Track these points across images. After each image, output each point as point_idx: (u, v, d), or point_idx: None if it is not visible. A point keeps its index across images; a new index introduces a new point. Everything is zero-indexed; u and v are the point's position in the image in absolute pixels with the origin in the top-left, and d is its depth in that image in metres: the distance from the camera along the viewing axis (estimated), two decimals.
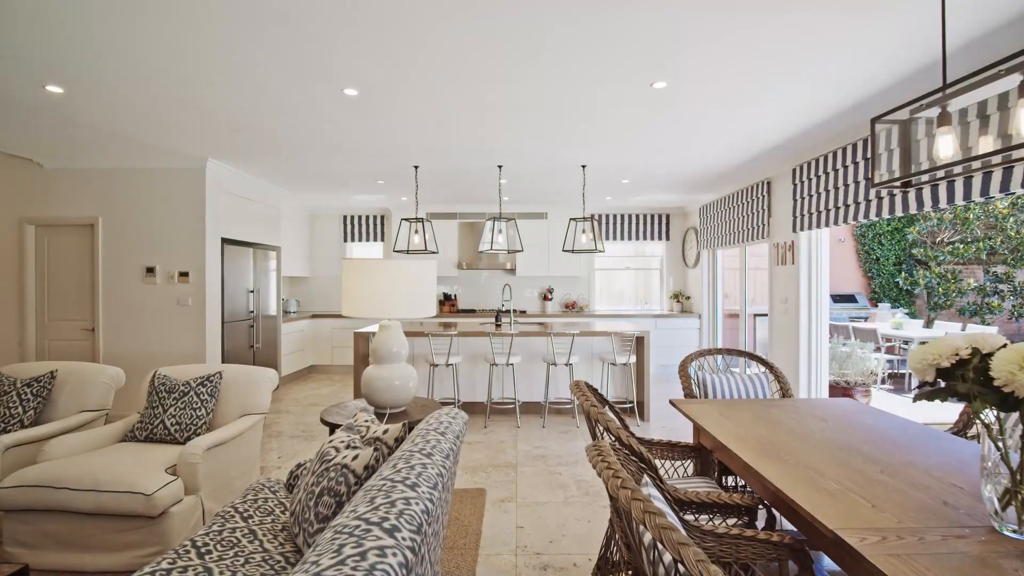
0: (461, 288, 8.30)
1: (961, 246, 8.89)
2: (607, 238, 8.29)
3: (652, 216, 8.35)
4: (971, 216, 8.72)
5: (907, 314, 9.13)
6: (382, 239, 8.32)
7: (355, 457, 1.78)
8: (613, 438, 1.95)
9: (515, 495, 3.32)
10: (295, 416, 5.31)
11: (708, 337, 7.61)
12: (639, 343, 5.12)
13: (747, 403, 2.67)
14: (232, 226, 5.55)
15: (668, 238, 8.38)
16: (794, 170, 5.06)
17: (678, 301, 8.10)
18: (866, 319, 9.23)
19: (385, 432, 2.04)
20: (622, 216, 8.32)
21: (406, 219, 5.29)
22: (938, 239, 9.55)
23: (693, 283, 8.03)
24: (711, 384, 3.01)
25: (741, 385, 3.03)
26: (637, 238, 8.35)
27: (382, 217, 8.32)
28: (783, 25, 2.46)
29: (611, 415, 2.10)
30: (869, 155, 3.96)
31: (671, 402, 2.70)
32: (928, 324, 7.97)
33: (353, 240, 8.33)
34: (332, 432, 2.56)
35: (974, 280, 9.06)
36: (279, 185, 6.35)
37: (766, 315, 8.66)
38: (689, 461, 2.55)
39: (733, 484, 2.61)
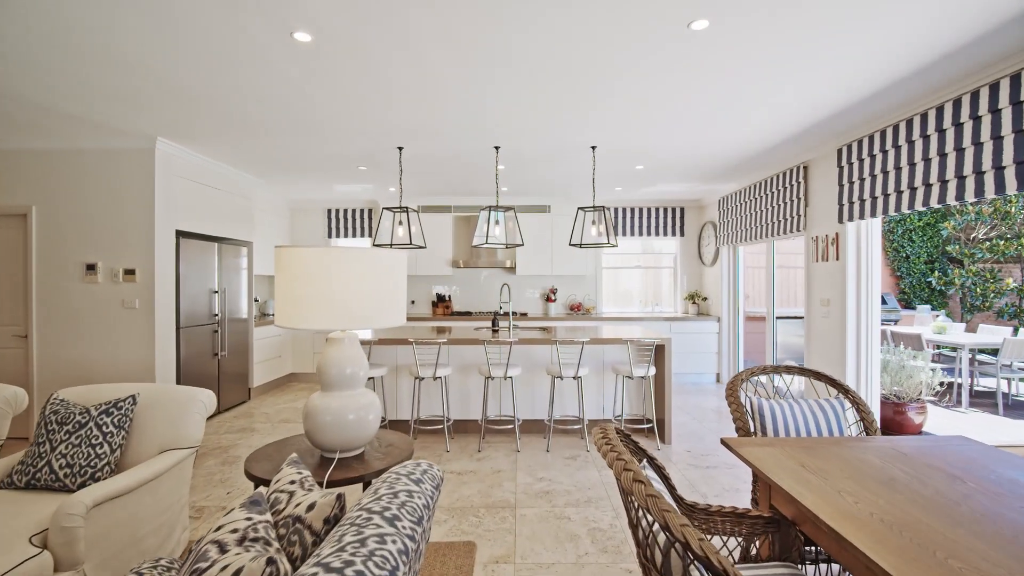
0: (460, 287, 7.59)
1: (1001, 242, 8.16)
2: (615, 234, 7.57)
3: (665, 210, 7.63)
4: (1012, 210, 7.99)
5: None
6: (370, 234, 7.62)
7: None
8: (657, 524, 1.23)
9: (513, 552, 2.61)
10: (261, 435, 4.60)
11: (728, 342, 6.89)
12: (658, 352, 4.40)
13: (829, 444, 1.96)
14: (191, 217, 4.85)
15: (683, 234, 7.66)
16: (839, 151, 4.34)
17: (694, 303, 7.39)
18: (896, 322, 8.50)
19: (310, 509, 1.34)
20: (632, 210, 7.61)
21: (388, 208, 4.57)
22: (972, 235, 8.82)
23: (710, 283, 7.31)
24: (769, 413, 2.29)
25: (808, 415, 2.31)
26: (648, 234, 7.64)
27: (369, 211, 7.62)
28: None
29: (656, 484, 1.39)
30: (943, 128, 3.25)
31: (724, 443, 1.98)
32: (972, 328, 7.25)
33: (338, 236, 7.63)
34: (257, 489, 1.85)
35: (1013, 280, 8.34)
36: (249, 173, 5.65)
37: (792, 318, 7.93)
38: (763, 536, 1.83)
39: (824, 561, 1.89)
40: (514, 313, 7.35)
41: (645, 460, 1.62)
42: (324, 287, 1.84)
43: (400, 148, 4.61)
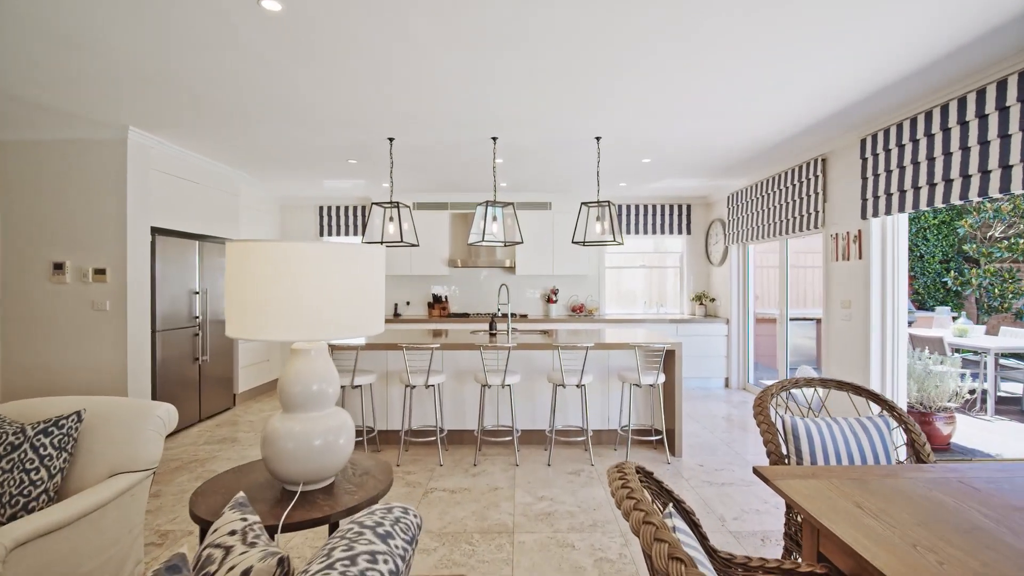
0: (457, 287, 7.29)
1: (1021, 241, 7.85)
2: (621, 231, 7.27)
3: (671, 207, 7.32)
4: None
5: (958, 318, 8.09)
6: (364, 232, 7.30)
7: None
8: None
9: None
10: (243, 447, 4.30)
11: (738, 345, 6.58)
12: (668, 358, 4.10)
13: (883, 476, 1.65)
14: (169, 213, 4.55)
15: (689, 232, 7.35)
16: (862, 141, 4.03)
17: (701, 304, 7.08)
18: (911, 323, 8.18)
19: (246, 574, 1.04)
20: (637, 207, 7.30)
21: (378, 204, 4.27)
22: (988, 234, 8.50)
23: (718, 283, 7.00)
24: (805, 435, 1.99)
25: (849, 436, 2.00)
26: (654, 232, 7.33)
27: (363, 208, 7.31)
28: None
29: (684, 538, 1.08)
30: (984, 113, 2.95)
31: (758, 473, 1.68)
32: (993, 330, 6.93)
33: (330, 234, 7.32)
34: (203, 538, 1.55)
35: None
36: (233, 166, 5.35)
37: (802, 320, 7.63)
38: None
39: None
40: (513, 315, 7.05)
41: (672, 505, 1.31)
42: (286, 289, 1.54)
43: (391, 139, 4.31)
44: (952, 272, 8.59)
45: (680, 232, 7.34)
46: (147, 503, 3.15)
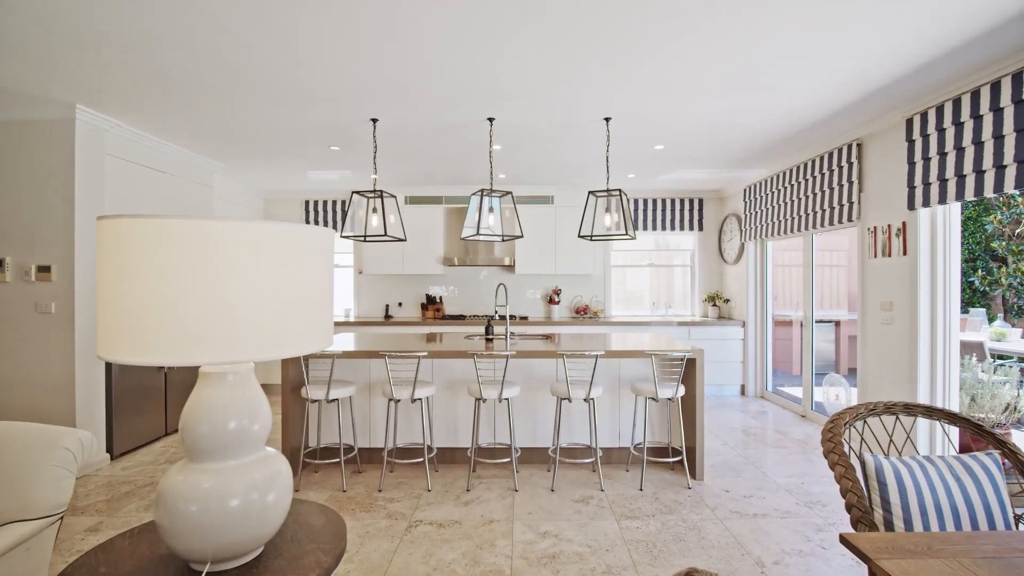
0: (453, 287, 6.81)
1: None
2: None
3: (682, 201, 6.84)
4: None
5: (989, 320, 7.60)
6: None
7: None
8: None
9: None
10: None
11: (755, 350, 6.10)
12: (689, 367, 3.61)
13: None
14: (126, 205, 4.07)
15: (701, 228, 6.87)
16: (908, 121, 3.55)
17: (714, 305, 6.60)
18: None
19: None
20: (645, 201, 6.82)
21: (359, 192, 3.79)
22: (1017, 230, 8.01)
23: (732, 283, 6.52)
24: (894, 480, 1.51)
25: (951, 482, 1.53)
26: (663, 228, 6.85)
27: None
28: None
29: None
30: None
31: (849, 544, 1.20)
32: None
33: None
34: None
35: None
36: (205, 155, 4.87)
37: (820, 322, 7.13)
38: None
39: None
40: (512, 317, 6.57)
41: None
42: (186, 286, 1.06)
43: (374, 120, 3.83)
44: (979, 271, 8.11)
45: (692, 228, 6.86)
46: (80, 541, 2.67)
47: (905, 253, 3.65)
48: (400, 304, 6.79)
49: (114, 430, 3.94)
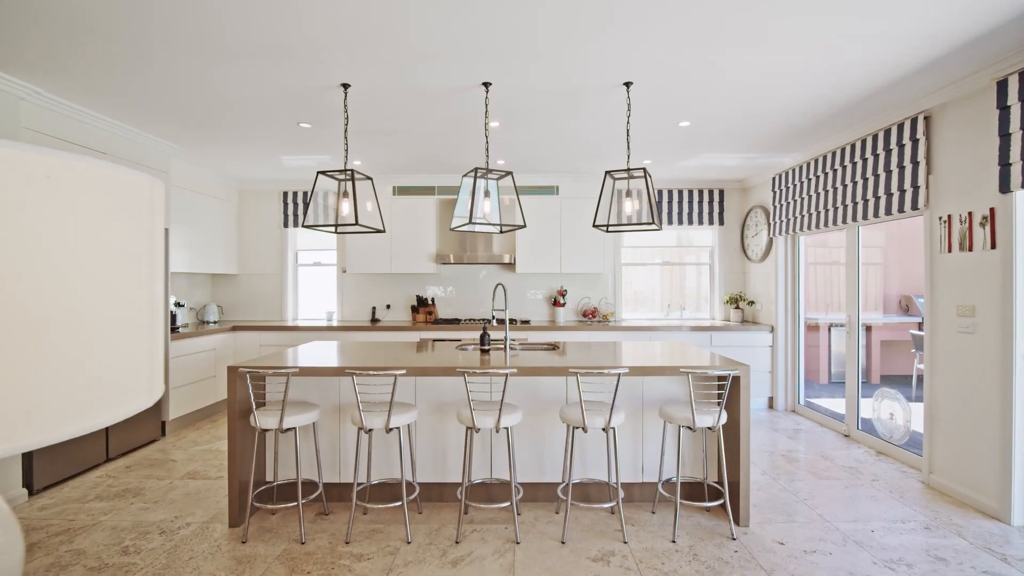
0: (449, 287, 6.14)
1: None
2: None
3: (700, 192, 6.17)
4: None
5: None
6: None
7: None
8: None
9: None
10: (142, 504, 3.15)
11: (787, 358, 5.43)
12: (733, 387, 2.92)
13: None
14: None
15: (722, 222, 6.19)
16: (1000, 83, 2.88)
17: (737, 307, 5.93)
18: None
19: None
20: (660, 192, 6.15)
21: (324, 173, 3.13)
22: None
23: (758, 283, 5.85)
24: None
25: None
26: (679, 222, 6.18)
27: (334, 193, 6.16)
28: None
29: None
30: None
31: None
32: None
33: (297, 225, 6.18)
34: None
35: None
36: (156, 134, 4.20)
37: (840, 326, 6.43)
38: None
39: None
40: (513, 321, 5.91)
41: None
42: None
43: (345, 85, 3.16)
44: None
45: (711, 223, 6.18)
46: None
47: (994, 246, 2.98)
48: (388, 307, 6.13)
49: (34, 457, 3.28)
